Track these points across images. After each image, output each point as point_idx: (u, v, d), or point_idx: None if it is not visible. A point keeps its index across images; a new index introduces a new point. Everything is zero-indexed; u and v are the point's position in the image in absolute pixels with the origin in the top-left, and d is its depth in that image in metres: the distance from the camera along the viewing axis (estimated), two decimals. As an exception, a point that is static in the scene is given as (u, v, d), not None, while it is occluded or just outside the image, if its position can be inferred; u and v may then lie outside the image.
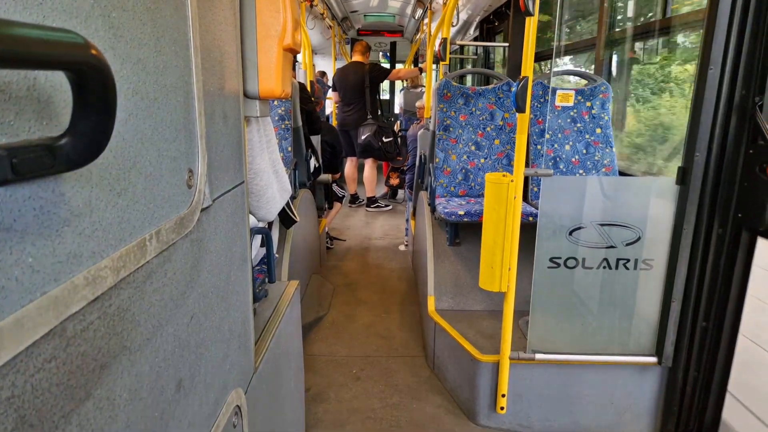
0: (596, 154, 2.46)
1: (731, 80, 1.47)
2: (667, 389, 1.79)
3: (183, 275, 0.65)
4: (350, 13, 6.69)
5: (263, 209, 1.38)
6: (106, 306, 0.46)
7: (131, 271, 0.51)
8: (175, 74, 0.62)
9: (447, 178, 2.61)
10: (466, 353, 1.89)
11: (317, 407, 1.95)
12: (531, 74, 1.49)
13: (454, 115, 2.61)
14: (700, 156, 1.55)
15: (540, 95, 2.47)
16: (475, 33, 5.54)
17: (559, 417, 1.84)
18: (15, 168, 0.33)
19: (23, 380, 0.36)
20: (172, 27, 0.61)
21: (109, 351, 0.47)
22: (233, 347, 0.87)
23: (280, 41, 1.05)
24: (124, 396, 0.50)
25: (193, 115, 0.68)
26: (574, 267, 1.72)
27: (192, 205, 0.67)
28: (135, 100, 0.52)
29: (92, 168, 0.44)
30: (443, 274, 2.35)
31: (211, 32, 0.77)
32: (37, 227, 0.37)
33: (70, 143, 0.36)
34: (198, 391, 0.70)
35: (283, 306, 1.35)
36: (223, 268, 0.82)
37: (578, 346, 1.78)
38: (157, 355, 0.57)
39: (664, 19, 2.34)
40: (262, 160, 1.32)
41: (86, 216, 0.43)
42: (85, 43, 0.34)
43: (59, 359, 0.40)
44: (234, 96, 0.91)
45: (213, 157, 0.77)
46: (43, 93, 0.38)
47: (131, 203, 0.51)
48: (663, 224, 1.67)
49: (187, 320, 0.66)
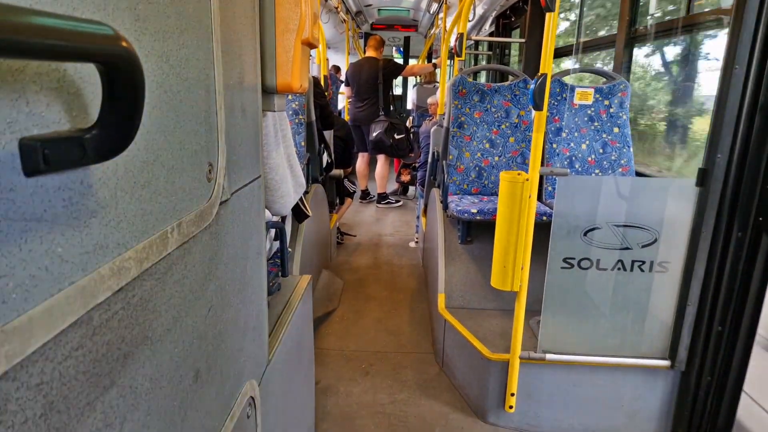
0: (613, 154, 2.42)
1: (756, 80, 1.43)
2: (679, 393, 1.77)
3: (202, 267, 0.65)
4: (364, 7, 6.66)
5: (278, 203, 1.38)
6: (130, 296, 0.47)
7: (153, 262, 0.51)
8: (197, 67, 0.62)
9: (460, 175, 2.59)
10: (475, 351, 1.88)
11: (326, 400, 1.97)
12: (550, 71, 1.47)
13: (468, 112, 2.59)
14: (722, 157, 1.52)
15: (557, 93, 2.43)
16: (491, 29, 5.48)
17: (568, 418, 1.83)
18: (47, 159, 0.33)
19: (52, 367, 0.36)
20: (195, 20, 0.61)
21: (132, 340, 0.48)
22: (248, 339, 0.88)
23: (298, 35, 1.05)
24: (146, 385, 0.50)
25: (213, 108, 0.68)
26: (588, 268, 1.70)
27: (211, 198, 0.67)
28: (158, 93, 0.52)
29: (118, 160, 0.44)
30: (454, 272, 2.34)
31: (231, 26, 0.77)
32: (66, 218, 0.38)
33: (99, 135, 0.36)
34: (215, 381, 0.71)
35: (295, 300, 1.36)
36: (239, 261, 0.83)
37: (589, 348, 1.76)
38: (177, 345, 0.58)
39: (688, 16, 2.29)
40: (277, 155, 1.32)
41: (112, 207, 0.44)
42: (116, 35, 0.34)
43: (86, 348, 0.40)
44: (252, 90, 0.91)
45: (231, 151, 0.77)
46: (72, 85, 0.38)
47: (154, 195, 0.51)
48: (681, 226, 1.64)
49: (205, 312, 0.67)
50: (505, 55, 5.67)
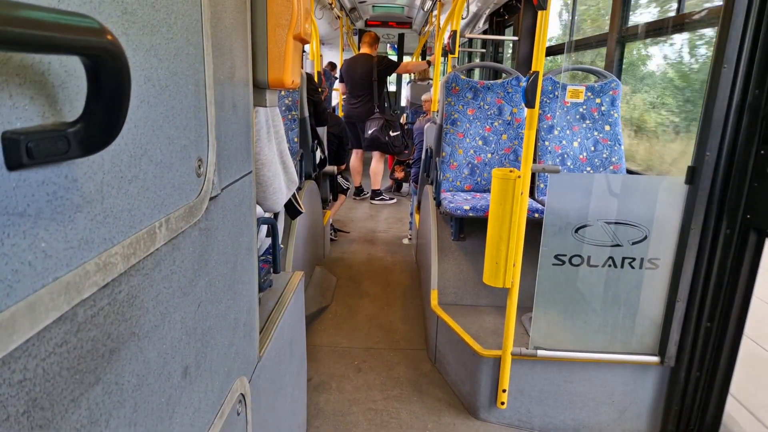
0: (604, 152, 2.43)
1: (745, 79, 1.45)
2: (668, 389, 1.79)
3: (191, 263, 0.65)
4: (359, 4, 6.63)
5: (270, 200, 1.38)
6: (116, 292, 0.47)
7: (141, 258, 0.51)
8: (187, 62, 0.62)
9: (453, 172, 2.59)
10: (468, 348, 1.89)
11: (318, 397, 1.97)
12: (542, 69, 1.47)
13: (461, 109, 2.60)
14: (711, 155, 1.53)
15: (549, 91, 2.44)
16: (485, 26, 5.48)
17: (559, 413, 1.84)
18: (30, 152, 0.33)
19: (35, 364, 0.36)
20: (185, 14, 0.61)
21: (119, 337, 0.47)
22: (238, 336, 0.88)
23: (290, 30, 1.04)
24: (133, 381, 0.50)
25: (202, 103, 0.68)
26: (579, 264, 1.72)
27: (201, 193, 0.67)
28: (146, 87, 0.52)
29: (104, 154, 0.44)
30: (447, 269, 2.35)
31: (222, 20, 0.77)
32: (50, 212, 0.37)
33: (84, 129, 0.36)
34: (203, 378, 0.71)
35: (287, 296, 1.36)
36: (229, 258, 0.82)
37: (580, 344, 1.78)
38: (165, 341, 0.58)
39: (679, 15, 2.31)
40: (269, 151, 1.31)
41: (98, 202, 0.43)
42: (101, 28, 0.34)
43: (70, 344, 0.40)
44: (243, 85, 0.91)
45: (222, 147, 0.77)
46: (57, 78, 0.38)
47: (141, 191, 0.51)
48: (670, 223, 1.66)
49: (194, 308, 0.67)
50: (498, 52, 5.68)
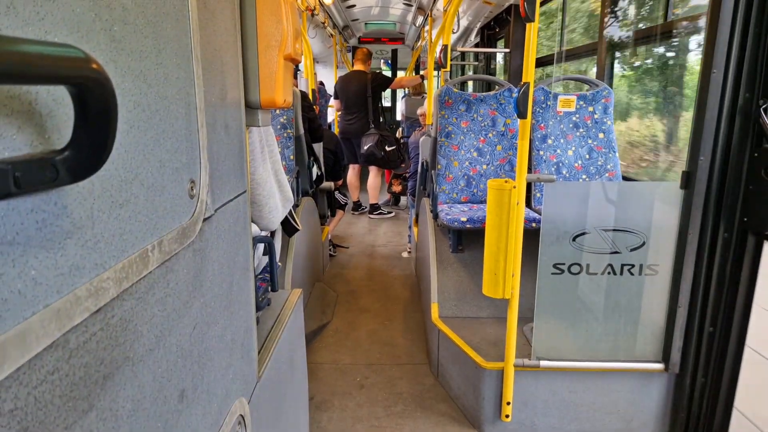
0: (599, 159, 2.45)
1: (735, 83, 1.46)
2: (674, 396, 1.77)
3: (185, 285, 0.65)
4: (351, 22, 6.75)
5: (265, 219, 1.38)
6: (109, 317, 0.46)
7: (133, 281, 0.51)
8: (177, 85, 0.63)
9: (449, 184, 2.60)
10: (470, 360, 1.87)
11: (321, 415, 1.94)
12: (532, 80, 1.49)
13: (455, 122, 2.62)
14: (705, 160, 1.54)
15: (542, 101, 2.47)
16: (476, 39, 5.57)
17: (564, 424, 1.82)
18: (17, 182, 0.33)
19: (26, 392, 0.36)
20: (174, 39, 0.62)
21: (112, 362, 0.47)
22: (236, 357, 0.87)
23: (280, 51, 1.06)
24: (128, 407, 0.50)
25: (194, 125, 0.68)
26: (578, 273, 1.71)
27: (194, 215, 0.67)
28: (136, 112, 0.52)
29: (94, 180, 0.44)
30: (446, 281, 2.34)
31: (212, 43, 0.78)
32: (40, 240, 0.37)
33: (72, 156, 0.36)
34: (201, 401, 0.70)
35: (286, 315, 1.35)
36: (225, 278, 0.82)
37: (583, 353, 1.76)
38: (160, 365, 0.57)
39: (666, 23, 2.35)
40: (264, 170, 1.32)
41: (88, 228, 0.43)
42: (86, 57, 0.34)
43: (62, 371, 0.40)
44: (235, 106, 0.92)
45: (215, 167, 0.77)
46: (45, 107, 0.38)
47: (133, 214, 0.51)
48: (668, 229, 1.66)
49: (190, 330, 0.66)
50: (490, 65, 5.75)
